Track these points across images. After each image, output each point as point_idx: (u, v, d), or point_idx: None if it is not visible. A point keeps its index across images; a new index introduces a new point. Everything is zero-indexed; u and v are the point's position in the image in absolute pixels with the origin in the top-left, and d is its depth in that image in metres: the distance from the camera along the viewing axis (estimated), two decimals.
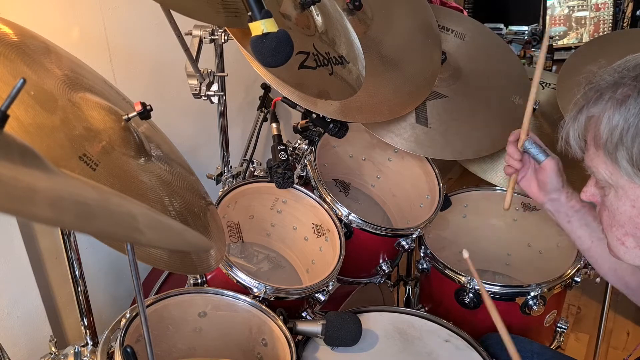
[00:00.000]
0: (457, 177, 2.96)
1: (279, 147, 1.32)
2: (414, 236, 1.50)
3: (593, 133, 0.82)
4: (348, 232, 1.43)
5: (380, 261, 1.55)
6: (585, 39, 3.47)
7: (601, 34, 3.43)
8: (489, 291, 1.44)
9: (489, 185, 1.72)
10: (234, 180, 1.56)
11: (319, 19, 1.21)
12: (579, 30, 3.48)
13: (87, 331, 1.09)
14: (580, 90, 0.85)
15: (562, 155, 0.97)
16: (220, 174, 1.56)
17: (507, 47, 1.95)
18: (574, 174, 1.17)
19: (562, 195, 1.13)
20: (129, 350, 0.92)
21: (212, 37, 1.28)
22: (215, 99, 1.37)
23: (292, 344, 1.11)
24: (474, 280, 1.44)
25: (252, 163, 1.63)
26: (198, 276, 1.27)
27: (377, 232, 1.45)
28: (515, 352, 0.99)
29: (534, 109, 1.77)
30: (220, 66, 1.37)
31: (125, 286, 1.69)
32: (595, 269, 1.18)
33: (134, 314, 1.04)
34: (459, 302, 1.47)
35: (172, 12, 1.13)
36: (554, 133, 1.72)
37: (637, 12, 3.28)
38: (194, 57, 1.28)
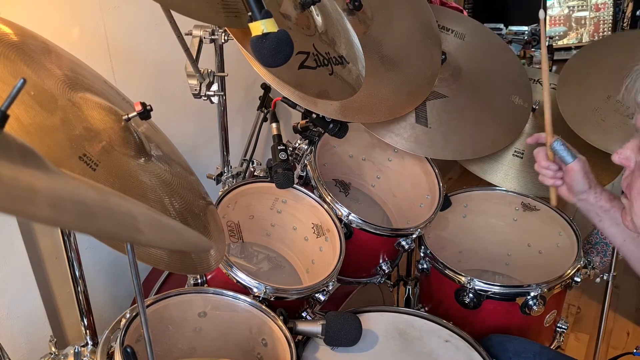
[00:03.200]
0: (457, 177, 2.95)
1: (279, 147, 1.32)
2: (414, 236, 1.50)
3: None
4: (348, 232, 1.43)
5: (380, 261, 1.55)
6: (585, 39, 3.47)
7: (601, 34, 3.43)
8: (489, 291, 1.44)
9: (489, 185, 1.72)
10: (234, 180, 1.56)
11: (319, 19, 1.21)
12: (579, 31, 3.48)
13: (87, 331, 1.09)
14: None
15: None
16: (220, 174, 1.56)
17: (507, 47, 1.95)
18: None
19: (590, 196, 1.12)
20: (129, 350, 0.92)
21: (212, 37, 1.28)
22: (215, 99, 1.37)
23: (292, 344, 1.11)
24: (474, 280, 1.44)
25: (252, 163, 1.63)
26: (198, 276, 1.27)
27: (377, 232, 1.45)
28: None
29: (534, 109, 1.77)
30: (220, 66, 1.37)
31: (125, 286, 1.69)
32: (630, 264, 1.17)
33: (134, 314, 1.04)
34: (459, 302, 1.47)
35: (172, 12, 1.13)
36: (554, 133, 1.72)
37: (637, 12, 3.29)
38: (194, 57, 1.28)
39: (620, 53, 1.61)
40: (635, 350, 1.18)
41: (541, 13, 1.13)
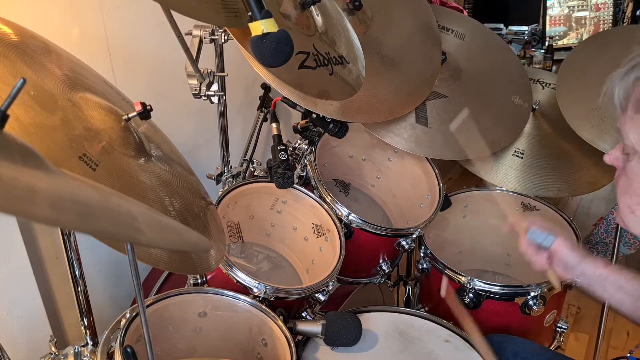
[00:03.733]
0: (457, 177, 2.95)
1: (279, 147, 1.32)
2: (414, 236, 1.50)
3: (637, 96, 0.79)
4: (348, 232, 1.43)
5: (380, 261, 1.55)
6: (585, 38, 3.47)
7: None
8: (489, 291, 1.44)
9: (489, 185, 1.72)
10: (234, 180, 1.56)
11: (319, 19, 1.21)
12: (579, 30, 3.48)
13: (87, 331, 1.09)
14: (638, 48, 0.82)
15: None
16: (220, 174, 1.56)
17: (507, 47, 1.95)
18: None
19: (587, 267, 1.11)
20: (129, 350, 0.92)
21: (212, 37, 1.28)
22: (215, 99, 1.37)
23: (292, 344, 1.11)
24: (474, 280, 1.44)
25: (252, 163, 1.63)
26: (198, 276, 1.27)
27: (377, 232, 1.45)
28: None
29: (534, 109, 1.77)
30: (220, 66, 1.37)
31: (125, 286, 1.69)
32: None
33: (134, 314, 1.04)
34: (459, 302, 1.47)
35: (172, 12, 1.13)
36: (554, 133, 1.72)
37: (637, 12, 3.29)
38: (194, 57, 1.28)
39: (619, 49, 1.60)
40: (629, 354, 1.17)
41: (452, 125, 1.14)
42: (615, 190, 0.89)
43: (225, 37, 1.29)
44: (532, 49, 3.48)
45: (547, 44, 3.39)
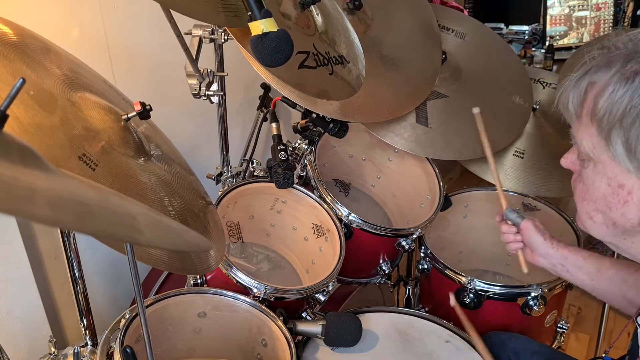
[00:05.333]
0: (457, 177, 2.95)
1: (279, 147, 1.31)
2: (414, 236, 1.50)
3: (591, 103, 0.79)
4: (348, 232, 1.43)
5: (381, 261, 1.55)
6: (586, 38, 3.47)
7: (602, 33, 3.42)
8: (489, 291, 1.44)
9: (489, 185, 1.72)
10: (234, 180, 1.56)
11: (319, 19, 1.21)
12: (579, 30, 3.48)
13: (87, 331, 1.09)
14: (592, 51, 0.81)
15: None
16: (220, 174, 1.55)
17: (508, 47, 1.95)
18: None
19: (549, 248, 1.16)
20: (128, 350, 0.92)
21: (212, 36, 1.28)
22: (215, 99, 1.37)
23: (292, 345, 1.10)
24: (474, 280, 1.44)
25: (252, 163, 1.62)
26: (198, 276, 1.27)
27: (377, 232, 1.45)
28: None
29: (534, 109, 1.77)
30: (220, 66, 1.37)
31: (124, 286, 1.68)
32: (608, 303, 1.18)
33: (133, 314, 1.04)
34: (459, 303, 1.46)
35: (172, 12, 1.12)
36: (554, 132, 1.72)
37: (638, 12, 3.28)
38: (194, 57, 1.27)
39: None
40: (604, 355, 1.19)
41: (475, 109, 1.27)
42: (574, 195, 0.90)
43: (225, 37, 1.29)
44: (533, 49, 3.48)
45: (547, 43, 3.39)
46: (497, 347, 1.28)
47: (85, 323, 1.09)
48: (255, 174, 1.56)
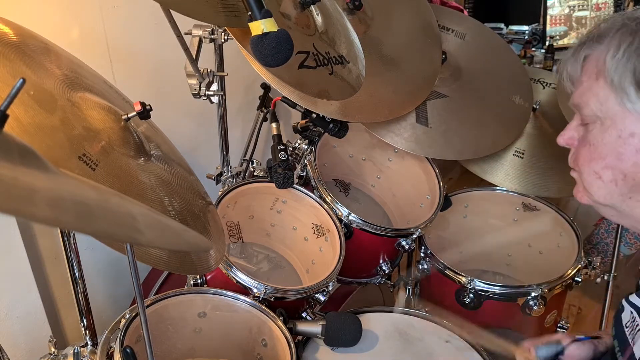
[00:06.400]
0: (457, 177, 2.95)
1: (279, 147, 1.31)
2: (414, 236, 1.50)
3: (594, 63, 0.83)
4: (348, 232, 1.43)
5: (381, 261, 1.55)
6: None
7: None
8: (489, 291, 1.44)
9: (489, 185, 1.72)
10: (234, 180, 1.56)
11: (319, 19, 1.21)
12: (579, 30, 3.48)
13: (87, 331, 1.09)
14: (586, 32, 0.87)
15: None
16: (220, 174, 1.55)
17: (508, 47, 1.95)
18: None
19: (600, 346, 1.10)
20: (128, 350, 0.92)
21: (212, 36, 1.28)
22: (215, 99, 1.37)
23: (292, 345, 1.10)
24: (474, 280, 1.44)
25: (252, 163, 1.62)
26: (198, 276, 1.27)
27: (377, 232, 1.45)
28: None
29: (534, 109, 1.77)
30: (220, 66, 1.37)
31: (125, 286, 1.68)
32: None
33: (133, 314, 1.04)
34: (459, 303, 1.47)
35: (172, 12, 1.12)
36: (555, 132, 1.72)
37: None
38: (194, 57, 1.27)
39: None
40: (577, 335, 1.15)
41: None
42: (574, 166, 0.91)
43: (225, 37, 1.29)
44: (533, 49, 3.48)
45: (547, 43, 3.39)
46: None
47: (85, 323, 1.09)
48: (255, 174, 1.56)
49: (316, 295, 1.28)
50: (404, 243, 1.48)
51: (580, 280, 1.48)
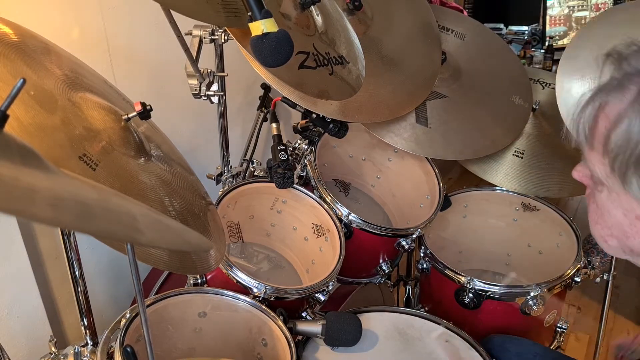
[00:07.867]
0: (457, 177, 2.95)
1: (279, 147, 1.32)
2: (414, 236, 1.50)
3: (603, 131, 0.71)
4: (348, 232, 1.43)
5: (380, 261, 1.55)
6: None
7: None
8: (489, 291, 1.44)
9: (489, 185, 1.72)
10: (234, 180, 1.56)
11: (319, 19, 1.21)
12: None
13: (87, 331, 1.09)
14: (602, 60, 0.72)
15: None
16: (220, 174, 1.56)
17: (507, 47, 1.95)
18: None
19: None
20: (129, 350, 0.92)
21: (212, 37, 1.28)
22: (215, 99, 1.37)
23: (292, 344, 1.11)
24: (474, 280, 1.44)
25: (252, 163, 1.63)
26: (198, 276, 1.27)
27: (377, 232, 1.45)
28: None
29: (534, 109, 1.77)
30: (220, 66, 1.37)
31: (125, 286, 1.69)
32: None
33: (134, 314, 1.04)
34: (459, 302, 1.47)
35: (172, 12, 1.12)
36: (554, 133, 1.72)
37: None
38: (194, 57, 1.27)
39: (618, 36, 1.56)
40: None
41: None
42: (588, 213, 0.82)
43: (225, 37, 1.29)
44: (532, 49, 3.48)
45: (547, 44, 3.39)
46: (497, 350, 1.28)
47: (86, 323, 1.09)
48: (255, 174, 1.56)
49: (316, 295, 1.28)
50: (403, 243, 1.49)
51: (579, 280, 1.48)
